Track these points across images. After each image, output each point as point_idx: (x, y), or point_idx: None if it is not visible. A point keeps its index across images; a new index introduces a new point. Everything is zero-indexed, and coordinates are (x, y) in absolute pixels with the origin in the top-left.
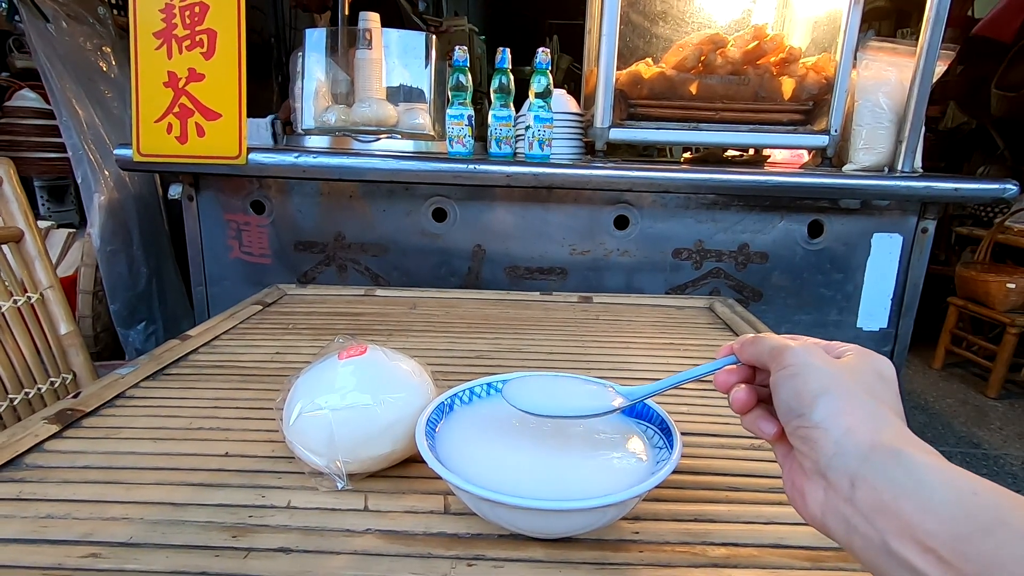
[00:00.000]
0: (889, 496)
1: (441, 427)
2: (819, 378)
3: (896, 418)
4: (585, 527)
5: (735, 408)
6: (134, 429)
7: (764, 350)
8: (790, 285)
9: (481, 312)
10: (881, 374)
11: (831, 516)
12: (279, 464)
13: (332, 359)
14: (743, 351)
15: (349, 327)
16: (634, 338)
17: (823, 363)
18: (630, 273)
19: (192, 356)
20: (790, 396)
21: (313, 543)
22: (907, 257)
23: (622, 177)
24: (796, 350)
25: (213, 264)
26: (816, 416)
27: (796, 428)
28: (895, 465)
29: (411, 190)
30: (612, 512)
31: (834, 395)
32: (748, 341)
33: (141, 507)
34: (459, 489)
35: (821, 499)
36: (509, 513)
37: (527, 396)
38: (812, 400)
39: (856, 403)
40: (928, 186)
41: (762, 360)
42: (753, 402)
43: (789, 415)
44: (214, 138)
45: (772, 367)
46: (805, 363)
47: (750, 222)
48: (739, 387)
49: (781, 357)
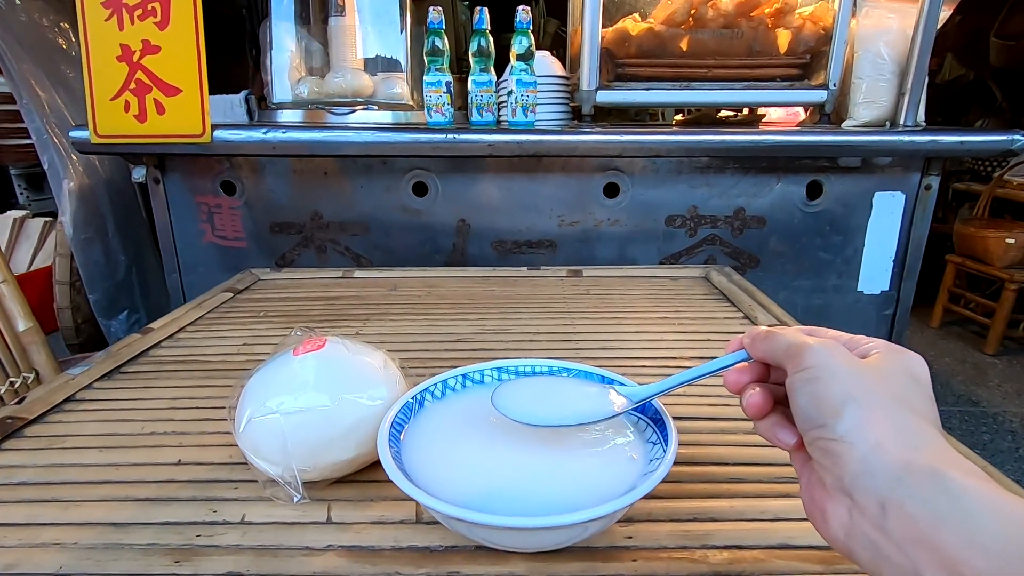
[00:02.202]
0: (928, 526)
1: (409, 428)
2: (843, 383)
3: (934, 430)
4: (570, 540)
5: (749, 413)
6: (80, 437)
7: (779, 347)
8: (788, 250)
9: (465, 291)
10: (914, 376)
11: (857, 540)
12: (235, 472)
13: (286, 355)
14: (755, 347)
15: (324, 313)
16: (626, 314)
17: (847, 365)
18: (622, 243)
19: (153, 351)
20: (809, 403)
21: (267, 566)
22: (910, 216)
23: (611, 142)
24: (816, 349)
25: (186, 250)
26: (840, 428)
27: (816, 439)
28: (935, 490)
29: (389, 164)
30: (600, 524)
31: (860, 403)
32: (760, 336)
33: (77, 529)
34: (428, 507)
35: (845, 520)
36: (485, 531)
37: (519, 403)
38: (835, 409)
39: (886, 413)
40: (933, 140)
41: (777, 358)
42: (769, 406)
43: (808, 424)
44: (175, 115)
45: (788, 367)
46: (826, 365)
47: (746, 185)
48: (753, 389)
49: (799, 357)
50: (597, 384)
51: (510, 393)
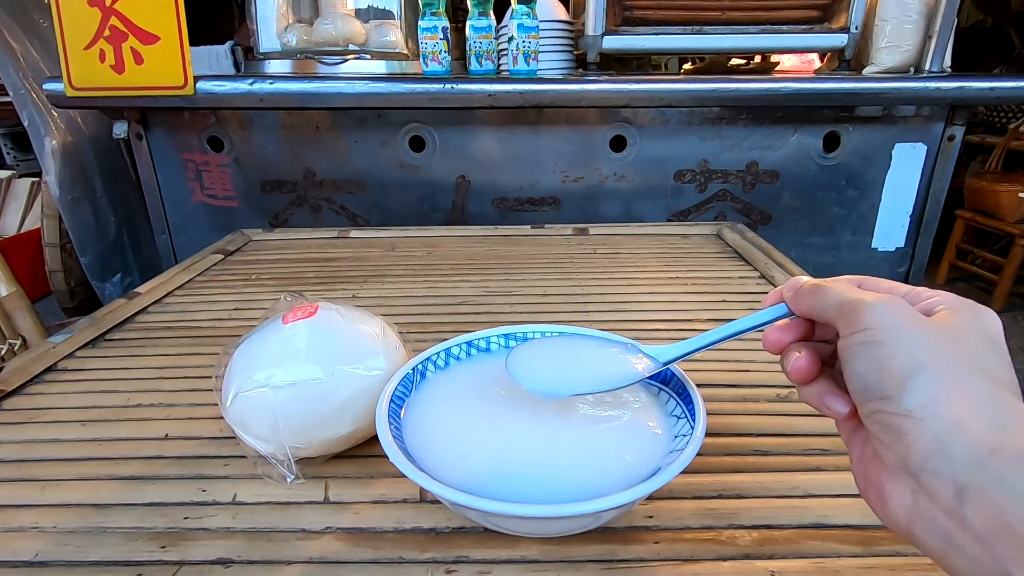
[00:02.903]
0: (1018, 518)
1: (411, 403)
2: (911, 348)
3: (1021, 405)
4: (588, 526)
5: (793, 378)
6: (61, 410)
7: (829, 304)
8: (802, 206)
9: (466, 251)
10: (990, 337)
11: (923, 526)
12: (226, 446)
13: (275, 323)
14: (798, 301)
15: (318, 275)
16: (636, 274)
17: (915, 326)
18: (628, 200)
19: (139, 317)
20: (870, 372)
21: (259, 551)
22: (930, 168)
23: (618, 91)
24: (876, 307)
25: (175, 210)
26: (908, 402)
27: (875, 412)
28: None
29: (384, 117)
30: (622, 510)
31: (933, 373)
32: (806, 290)
33: (56, 512)
34: (435, 494)
35: (908, 503)
36: (496, 517)
37: (534, 370)
38: (901, 379)
39: (964, 385)
40: (960, 87)
41: (826, 316)
42: (817, 369)
43: (866, 395)
44: (154, 66)
45: (841, 327)
46: (891, 327)
47: (759, 137)
48: (798, 351)
49: (855, 316)
50: (618, 346)
51: (524, 359)
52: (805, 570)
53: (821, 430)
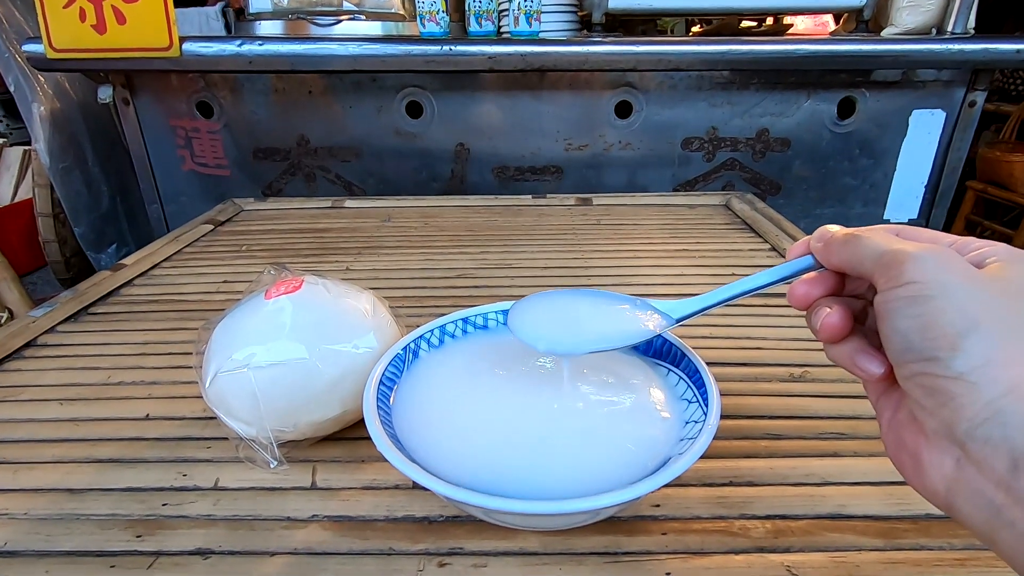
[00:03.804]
0: None
1: (402, 384)
2: (962, 304)
3: None
4: (592, 520)
5: (823, 336)
6: (39, 388)
7: (866, 255)
8: (813, 175)
9: (465, 222)
10: None
11: (966, 497)
12: (209, 427)
13: (257, 298)
14: (830, 253)
15: (311, 247)
16: (642, 246)
17: (967, 279)
18: (633, 169)
19: (124, 290)
20: (914, 330)
21: (241, 541)
22: (948, 136)
23: (625, 53)
24: (923, 258)
25: (165, 178)
26: (958, 364)
27: (918, 375)
28: None
29: (379, 81)
30: (629, 504)
31: (988, 332)
32: (838, 239)
33: (28, 497)
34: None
35: (950, 472)
36: (492, 513)
37: (539, 325)
38: (951, 339)
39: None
40: (985, 48)
41: (863, 269)
42: (849, 327)
43: (908, 356)
44: (138, 25)
45: (881, 281)
46: (940, 280)
47: (771, 103)
48: (828, 306)
49: (899, 268)
50: (627, 302)
51: (528, 316)
52: (823, 565)
53: (838, 413)
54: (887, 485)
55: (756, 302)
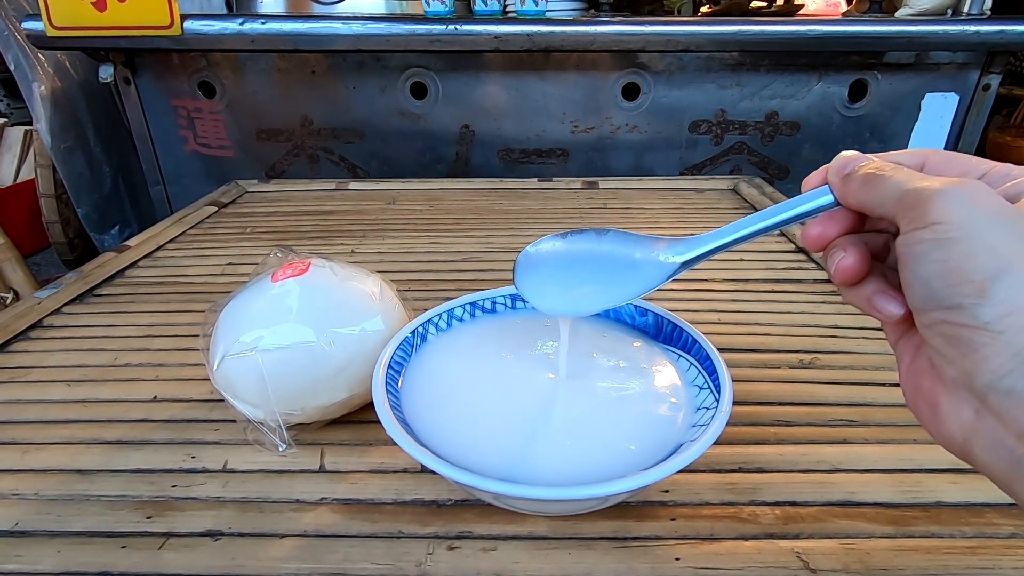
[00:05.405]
0: None
1: (410, 368)
2: (993, 245)
3: None
4: (601, 506)
5: (839, 279)
6: (45, 369)
7: (888, 194)
8: (822, 159)
9: (470, 204)
10: None
11: (984, 447)
12: (217, 410)
13: (264, 281)
14: (848, 190)
15: (316, 229)
16: (649, 230)
17: (999, 216)
18: (639, 152)
19: (129, 272)
20: (936, 276)
21: (250, 523)
22: (961, 120)
23: (633, 33)
24: (949, 195)
25: (168, 159)
26: (985, 312)
27: (940, 322)
28: None
29: (383, 61)
30: (639, 490)
31: (1020, 276)
32: (858, 176)
33: (37, 477)
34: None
35: (968, 421)
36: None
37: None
38: (979, 285)
39: None
40: (1002, 30)
41: (884, 210)
42: (867, 270)
43: (930, 302)
44: (138, 3)
45: (903, 222)
46: (968, 220)
47: (781, 86)
48: (844, 248)
49: (922, 208)
50: (635, 245)
51: (534, 274)
52: (833, 551)
53: (848, 399)
54: (897, 472)
55: (764, 288)
